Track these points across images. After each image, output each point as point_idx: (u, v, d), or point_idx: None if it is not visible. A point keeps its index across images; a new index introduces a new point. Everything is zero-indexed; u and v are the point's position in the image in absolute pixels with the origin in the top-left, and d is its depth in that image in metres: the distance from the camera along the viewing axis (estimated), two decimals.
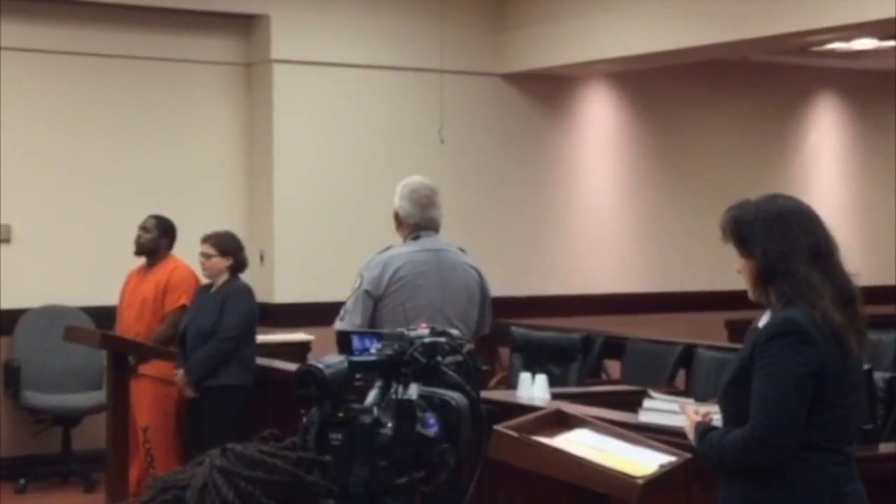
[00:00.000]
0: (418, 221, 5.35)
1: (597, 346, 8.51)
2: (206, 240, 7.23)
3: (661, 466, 4.17)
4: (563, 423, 4.57)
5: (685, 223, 11.27)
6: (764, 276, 3.36)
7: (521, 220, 10.53)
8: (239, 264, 7.24)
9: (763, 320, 3.45)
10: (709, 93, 11.46)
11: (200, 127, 9.59)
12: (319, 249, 9.55)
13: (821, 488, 3.34)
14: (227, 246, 7.20)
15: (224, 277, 7.19)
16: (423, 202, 5.35)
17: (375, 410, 2.40)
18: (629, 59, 9.68)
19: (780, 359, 3.28)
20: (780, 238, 3.33)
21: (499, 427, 4.29)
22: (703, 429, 3.51)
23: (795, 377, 3.27)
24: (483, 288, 5.43)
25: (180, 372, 7.10)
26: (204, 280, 7.36)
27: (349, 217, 9.60)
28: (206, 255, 7.20)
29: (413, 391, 2.42)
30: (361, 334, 2.68)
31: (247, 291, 7.24)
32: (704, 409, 3.66)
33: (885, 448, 4.84)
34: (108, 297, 7.98)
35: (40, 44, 8.98)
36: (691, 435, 3.57)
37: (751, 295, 3.45)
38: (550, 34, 9.90)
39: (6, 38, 8.81)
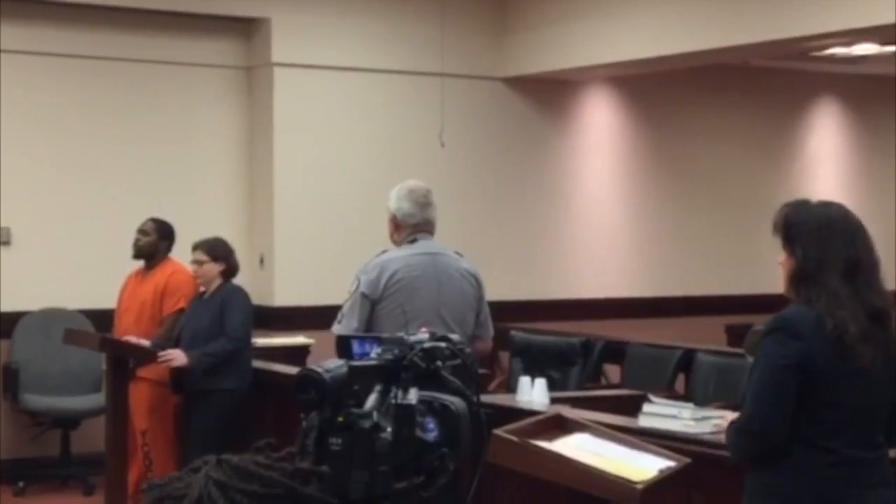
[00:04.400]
0: (418, 221, 5.33)
1: (596, 350, 8.51)
2: (198, 247, 7.24)
3: (661, 471, 4.17)
4: (562, 427, 4.58)
5: (685, 227, 11.28)
6: (798, 277, 3.48)
7: (522, 224, 10.53)
8: (231, 269, 7.25)
9: None
10: (709, 97, 11.47)
11: (201, 130, 9.59)
12: (319, 253, 9.55)
13: (802, 485, 3.40)
14: (218, 251, 7.21)
15: (217, 283, 7.20)
16: (422, 201, 5.35)
17: (375, 415, 2.40)
18: (630, 64, 9.69)
19: (767, 353, 3.42)
20: (821, 246, 3.45)
21: (498, 431, 4.29)
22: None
23: (777, 369, 3.39)
24: (480, 294, 5.41)
25: (179, 351, 7.04)
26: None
27: (349, 220, 9.59)
28: (198, 262, 7.20)
29: (413, 396, 2.42)
30: (361, 338, 2.68)
31: (244, 294, 7.26)
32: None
33: (893, 453, 4.83)
34: (107, 299, 7.97)
35: (40, 47, 8.98)
36: None
37: (784, 290, 3.56)
38: (551, 38, 9.90)
39: (6, 41, 8.81)
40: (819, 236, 3.46)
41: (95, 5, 9.00)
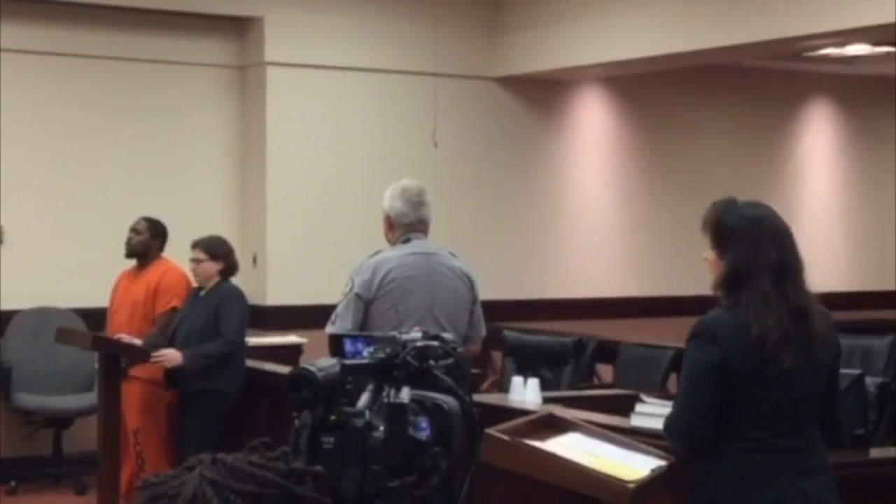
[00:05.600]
0: (411, 221, 5.33)
1: (589, 350, 8.50)
2: (196, 245, 7.22)
3: (653, 471, 4.17)
4: (554, 426, 4.57)
5: (678, 227, 11.27)
6: (729, 280, 3.55)
7: (514, 224, 10.53)
8: (229, 268, 7.24)
9: None
10: (702, 97, 11.47)
11: (194, 129, 9.58)
12: (312, 252, 9.55)
13: (728, 471, 3.50)
14: (217, 250, 7.20)
15: (214, 281, 7.19)
16: (416, 200, 5.35)
17: (367, 414, 2.40)
18: (622, 64, 9.69)
19: (688, 358, 3.56)
20: (753, 251, 3.51)
21: (490, 430, 4.29)
22: None
23: (696, 373, 3.51)
24: (474, 294, 5.41)
25: (174, 351, 7.04)
26: (195, 283, 7.35)
27: (342, 220, 9.59)
28: (196, 260, 7.19)
29: (405, 394, 2.42)
30: (354, 337, 2.67)
31: (240, 295, 7.24)
32: None
33: (875, 453, 4.84)
34: (99, 298, 7.96)
35: (34, 46, 8.96)
36: None
37: (711, 288, 3.64)
38: (544, 38, 9.90)
39: (1, 40, 8.80)
40: (750, 239, 3.52)
41: (89, 4, 8.98)
